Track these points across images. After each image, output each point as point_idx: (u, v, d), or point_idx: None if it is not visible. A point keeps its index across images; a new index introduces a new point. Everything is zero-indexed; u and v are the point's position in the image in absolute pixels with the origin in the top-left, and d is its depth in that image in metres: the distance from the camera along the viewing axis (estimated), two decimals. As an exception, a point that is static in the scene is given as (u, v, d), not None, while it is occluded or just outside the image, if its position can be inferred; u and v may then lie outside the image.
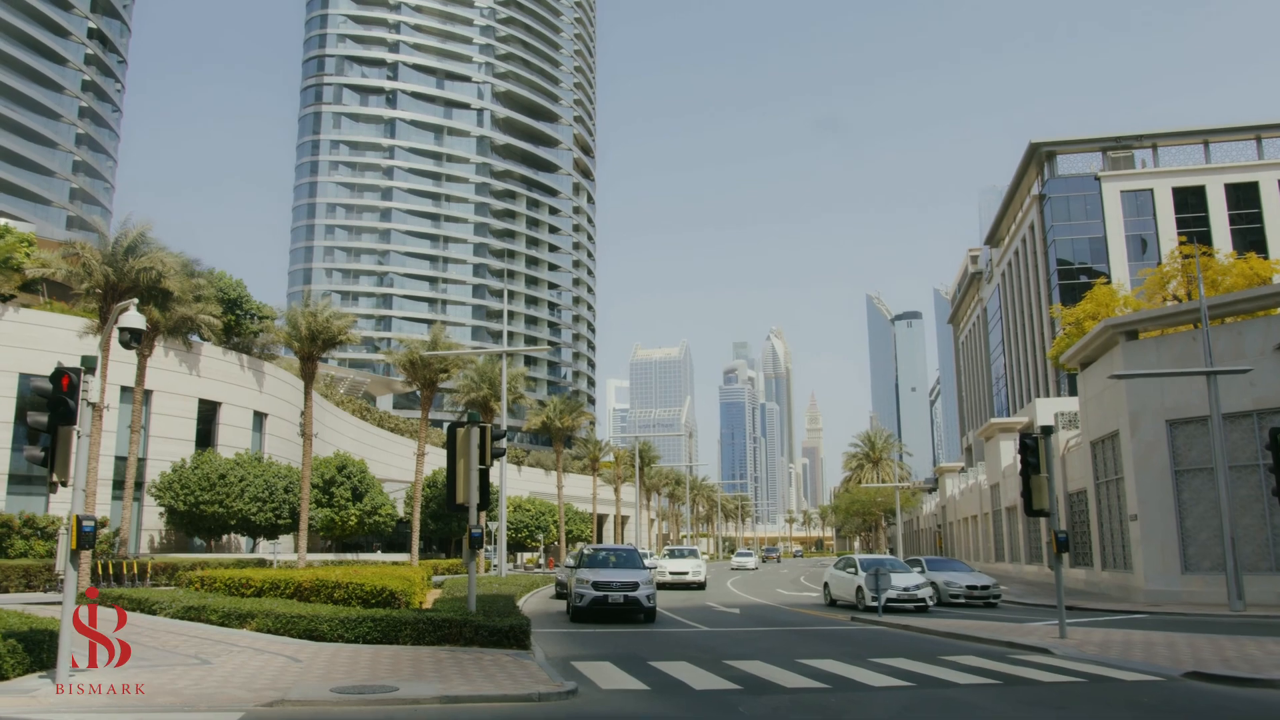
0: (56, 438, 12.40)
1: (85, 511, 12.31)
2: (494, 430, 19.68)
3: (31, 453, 12.51)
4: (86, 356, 12.49)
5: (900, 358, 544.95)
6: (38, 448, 12.48)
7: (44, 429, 12.40)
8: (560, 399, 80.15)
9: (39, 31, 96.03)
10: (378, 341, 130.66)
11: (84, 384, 12.31)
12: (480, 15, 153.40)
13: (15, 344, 41.96)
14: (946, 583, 33.25)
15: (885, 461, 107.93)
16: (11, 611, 15.76)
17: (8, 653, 12.40)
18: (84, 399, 12.30)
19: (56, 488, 12.58)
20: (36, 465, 12.67)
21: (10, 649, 12.49)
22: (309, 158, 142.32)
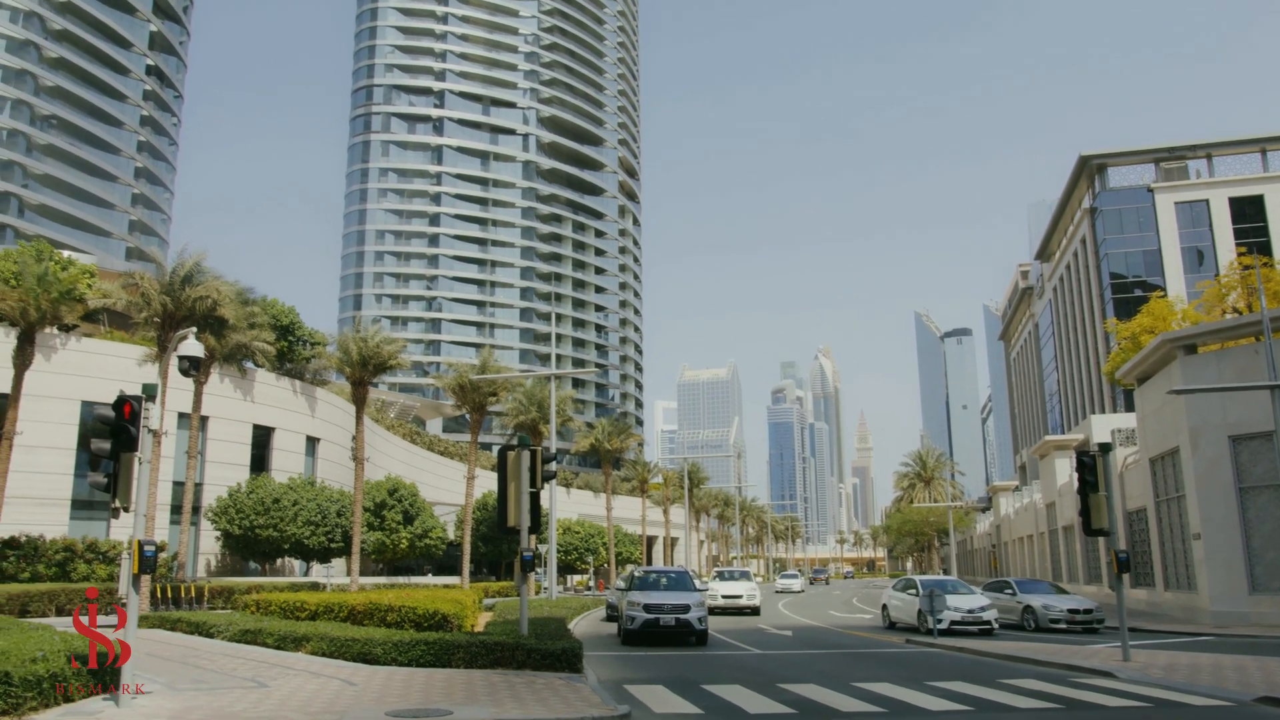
0: (119, 464, 12.67)
1: (146, 536, 12.54)
2: (544, 453, 19.74)
3: (95, 479, 12.80)
4: (147, 384, 12.77)
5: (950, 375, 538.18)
6: (101, 474, 12.76)
7: (107, 455, 12.68)
8: (608, 421, 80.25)
9: (100, 70, 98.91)
10: (427, 366, 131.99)
11: (145, 411, 12.58)
12: (525, 42, 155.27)
13: (78, 372, 42.99)
14: (1045, 606, 31.29)
15: (937, 481, 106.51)
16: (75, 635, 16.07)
17: (73, 675, 12.64)
18: (145, 426, 12.56)
19: (119, 513, 12.84)
20: (99, 491, 12.95)
21: (75, 672, 12.72)
22: (358, 185, 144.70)
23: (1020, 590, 33.08)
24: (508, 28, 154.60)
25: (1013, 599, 33.27)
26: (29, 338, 30.49)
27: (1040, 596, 32.17)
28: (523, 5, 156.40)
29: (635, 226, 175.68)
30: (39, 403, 39.04)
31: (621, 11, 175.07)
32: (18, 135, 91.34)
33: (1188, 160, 78.00)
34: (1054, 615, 30.86)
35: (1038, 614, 31.07)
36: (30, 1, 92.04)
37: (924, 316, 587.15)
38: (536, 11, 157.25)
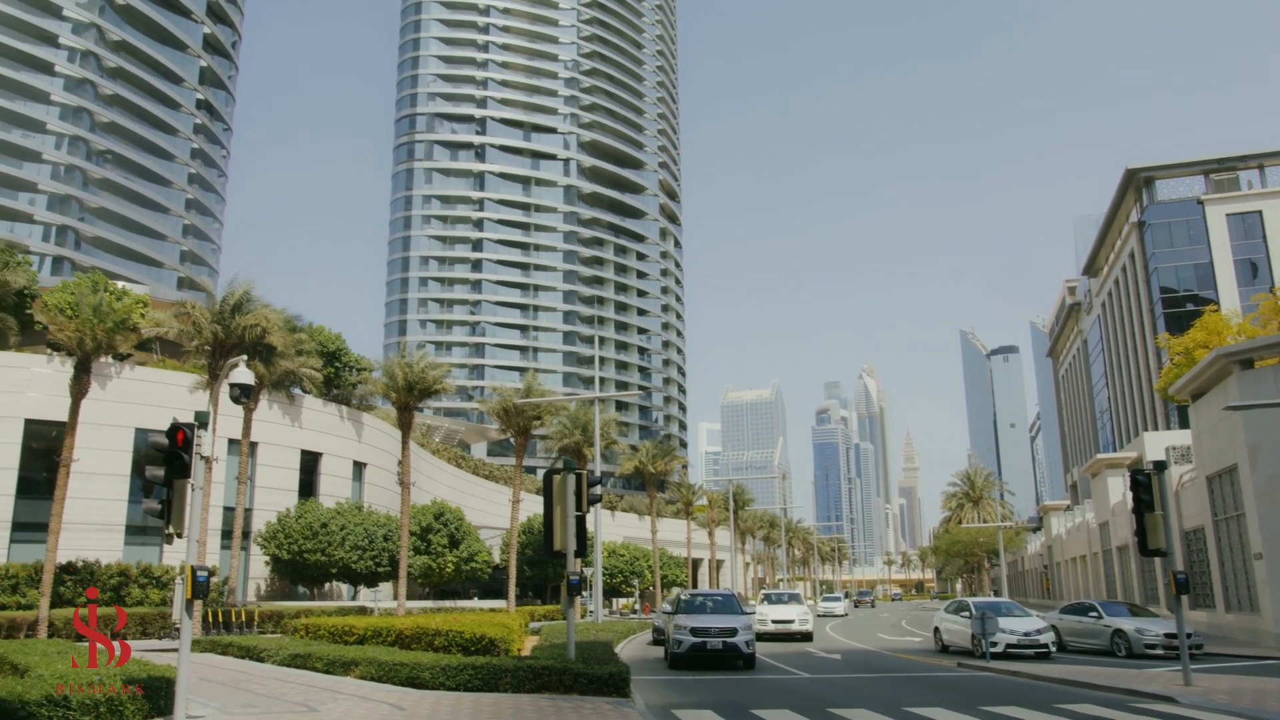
0: (172, 491, 12.87)
1: (198, 562, 12.71)
2: (589, 477, 19.75)
3: (149, 505, 13.00)
4: (199, 412, 12.98)
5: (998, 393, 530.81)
6: (155, 500, 12.98)
7: (160, 482, 12.89)
8: (652, 443, 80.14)
9: (153, 105, 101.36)
10: (471, 390, 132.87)
11: (197, 439, 12.78)
12: (564, 68, 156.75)
13: (131, 400, 43.83)
14: (1139, 630, 28.62)
15: (986, 501, 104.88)
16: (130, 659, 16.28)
17: (128, 699, 12.80)
18: (197, 453, 12.76)
19: (172, 539, 13.04)
20: (153, 517, 13.16)
21: (130, 696, 12.89)
22: (402, 213, 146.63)
23: (1107, 613, 30.61)
24: (547, 54, 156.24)
25: (1098, 622, 30.68)
26: (85, 367, 31.15)
27: (1131, 620, 29.70)
28: (562, 31, 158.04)
29: (676, 248, 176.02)
30: (95, 430, 39.82)
31: (660, 36, 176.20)
32: (75, 171, 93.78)
33: (1239, 171, 76.58)
34: (1149, 640, 28.14)
35: (1130, 639, 28.61)
36: (88, 41, 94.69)
37: (969, 334, 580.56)
38: (576, 38, 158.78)
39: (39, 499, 40.37)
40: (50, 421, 40.97)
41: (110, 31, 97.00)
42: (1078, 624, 31.67)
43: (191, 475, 12.78)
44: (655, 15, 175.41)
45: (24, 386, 42.72)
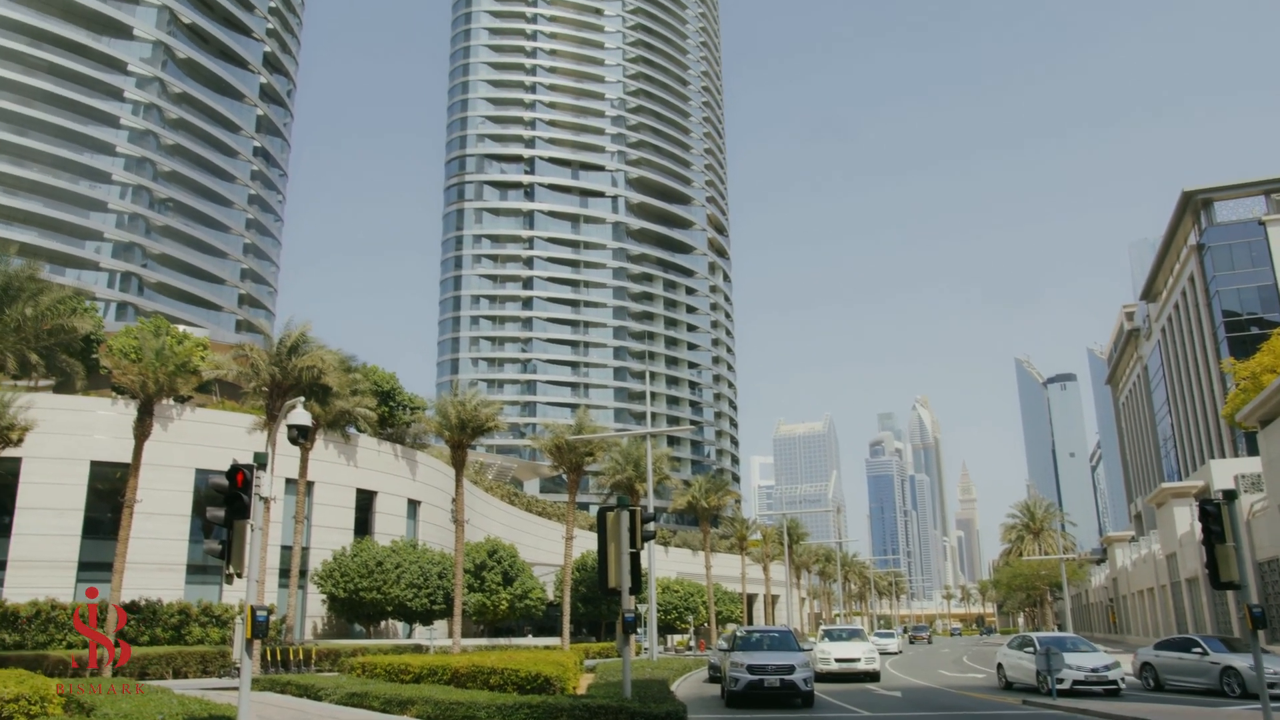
0: (232, 531, 13.06)
1: (257, 601, 12.84)
2: (642, 513, 19.67)
3: (210, 546, 13.21)
4: (258, 453, 13.19)
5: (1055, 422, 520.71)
6: (216, 541, 13.17)
7: (221, 523, 13.09)
8: (705, 478, 79.74)
9: (212, 153, 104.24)
10: (523, 427, 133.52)
11: (256, 479, 12.97)
12: (611, 106, 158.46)
13: (192, 441, 44.69)
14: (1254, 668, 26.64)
15: (1047, 532, 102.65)
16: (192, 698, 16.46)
17: (189, 740, 12.93)
18: (256, 494, 12.95)
19: (232, 579, 13.21)
20: (214, 557, 13.35)
21: (192, 737, 13.02)
22: (453, 252, 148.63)
23: (1212, 649, 28.06)
24: (594, 93, 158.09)
25: (1203, 659, 28.18)
26: (148, 409, 31.84)
27: (1244, 657, 26.66)
28: (608, 70, 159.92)
29: (725, 282, 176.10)
30: (156, 471, 40.60)
31: (705, 72, 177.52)
32: (138, 219, 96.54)
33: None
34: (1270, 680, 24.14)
35: (1245, 677, 25.78)
36: (151, 94, 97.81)
37: (1024, 363, 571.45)
38: (622, 76, 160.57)
39: (104, 539, 41.19)
40: (115, 463, 41.86)
41: (172, 84, 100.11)
42: (1178, 660, 29.26)
43: (251, 516, 12.96)
44: (700, 51, 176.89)
45: (90, 429, 43.76)
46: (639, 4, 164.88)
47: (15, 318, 30.34)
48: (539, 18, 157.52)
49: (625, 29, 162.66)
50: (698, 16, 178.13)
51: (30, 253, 76.65)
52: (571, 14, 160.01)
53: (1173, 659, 29.64)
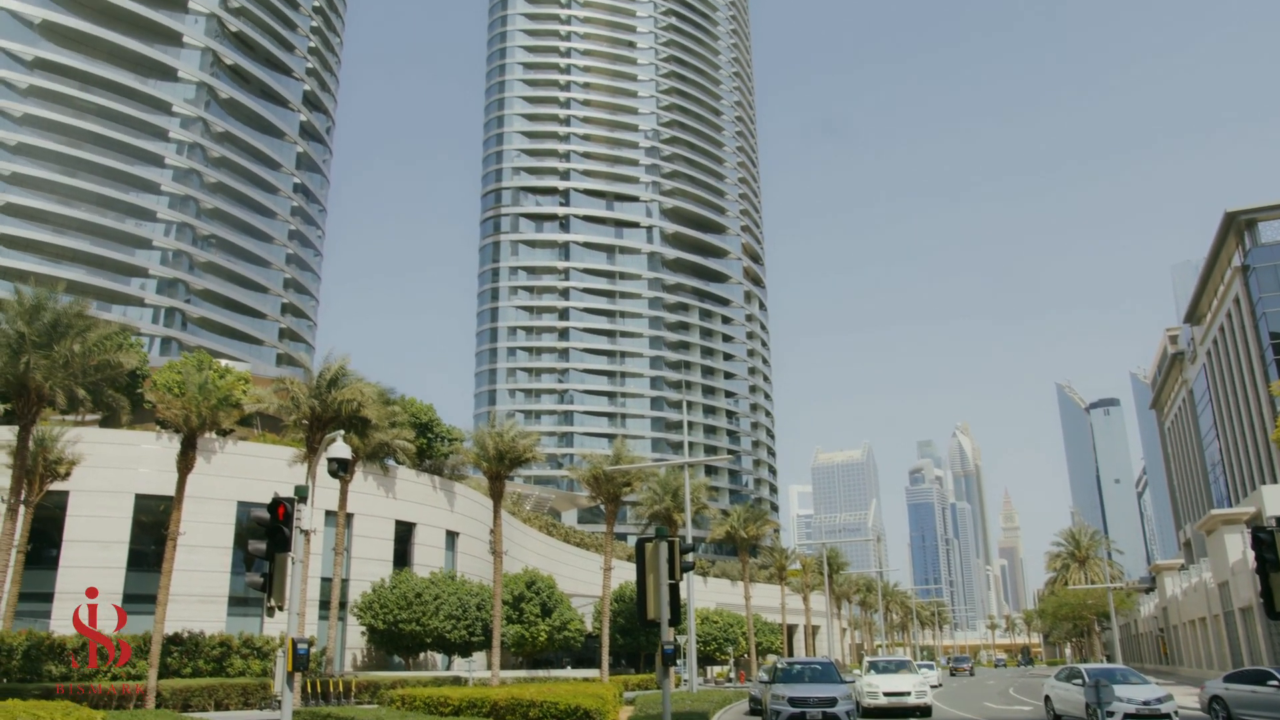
0: (273, 564, 13.17)
1: (298, 634, 12.90)
2: (681, 544, 19.58)
3: (252, 579, 13.32)
4: (299, 486, 13.31)
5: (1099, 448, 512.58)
6: (257, 574, 13.28)
7: (262, 556, 13.20)
8: (743, 508, 79.31)
9: (253, 190, 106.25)
10: (560, 458, 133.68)
11: (297, 513, 13.08)
12: (645, 137, 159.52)
13: (234, 474, 45.22)
14: None
15: (1093, 560, 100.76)
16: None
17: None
18: (297, 527, 13.05)
19: (274, 611, 13.30)
20: (255, 590, 13.45)
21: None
22: (490, 285, 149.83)
23: None
24: (628, 125, 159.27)
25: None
26: (191, 443, 32.29)
27: None
28: (641, 102, 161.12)
29: (761, 311, 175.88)
30: (199, 504, 41.08)
31: (738, 101, 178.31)
32: (182, 255, 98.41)
33: (1347, 210, 73.59)
34: None
35: None
36: (194, 134, 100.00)
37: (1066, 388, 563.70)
38: (655, 108, 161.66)
39: (148, 571, 41.70)
40: (158, 496, 42.44)
41: (215, 124, 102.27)
42: (1252, 694, 27.83)
43: (292, 549, 13.06)
44: (733, 81, 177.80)
45: (135, 463, 44.44)
46: (671, 36, 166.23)
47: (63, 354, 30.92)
48: (573, 51, 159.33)
49: (658, 60, 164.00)
50: (730, 47, 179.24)
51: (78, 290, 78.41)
52: (605, 46, 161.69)
53: (1246, 693, 28.21)
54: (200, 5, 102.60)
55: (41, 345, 30.53)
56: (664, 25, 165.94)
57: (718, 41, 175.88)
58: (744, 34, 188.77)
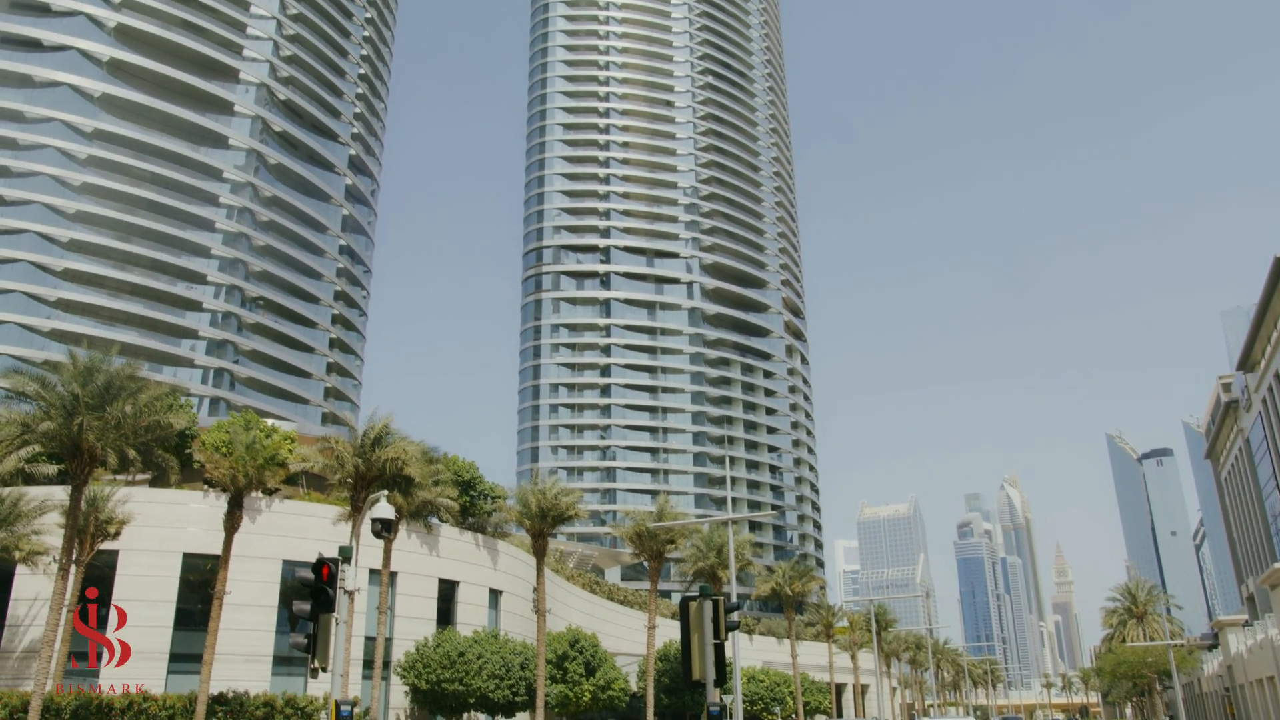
0: (317, 625, 13.16)
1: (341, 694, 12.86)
2: (725, 603, 19.33)
3: (296, 640, 13.32)
4: (343, 547, 13.36)
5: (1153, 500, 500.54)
6: (301, 635, 13.28)
7: (306, 617, 13.21)
8: (788, 564, 78.33)
9: (300, 253, 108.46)
10: (603, 514, 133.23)
11: (341, 573, 13.11)
12: (684, 194, 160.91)
13: (279, 533, 45.50)
14: None
15: (1151, 616, 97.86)
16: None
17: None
18: (341, 587, 13.07)
19: (318, 672, 13.27)
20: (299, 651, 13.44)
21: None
22: (532, 342, 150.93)
23: None
24: (667, 182, 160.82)
25: None
26: (238, 502, 32.65)
27: None
28: (680, 160, 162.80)
29: (803, 365, 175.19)
30: (245, 562, 41.34)
31: (776, 158, 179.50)
32: (231, 317, 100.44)
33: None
34: None
35: None
36: (244, 199, 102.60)
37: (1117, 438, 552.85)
38: (694, 165, 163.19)
39: (194, 631, 41.89)
40: (205, 555, 42.80)
41: (263, 188, 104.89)
42: None
43: (335, 609, 13.07)
44: (771, 138, 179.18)
45: (183, 522, 44.92)
46: (709, 94, 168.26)
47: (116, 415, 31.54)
48: (611, 111, 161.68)
49: (696, 119, 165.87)
50: (767, 104, 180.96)
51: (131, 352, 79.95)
52: (643, 105, 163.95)
53: None
54: (250, 75, 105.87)
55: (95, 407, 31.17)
56: (701, 84, 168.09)
57: (754, 99, 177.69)
58: (780, 90, 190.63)
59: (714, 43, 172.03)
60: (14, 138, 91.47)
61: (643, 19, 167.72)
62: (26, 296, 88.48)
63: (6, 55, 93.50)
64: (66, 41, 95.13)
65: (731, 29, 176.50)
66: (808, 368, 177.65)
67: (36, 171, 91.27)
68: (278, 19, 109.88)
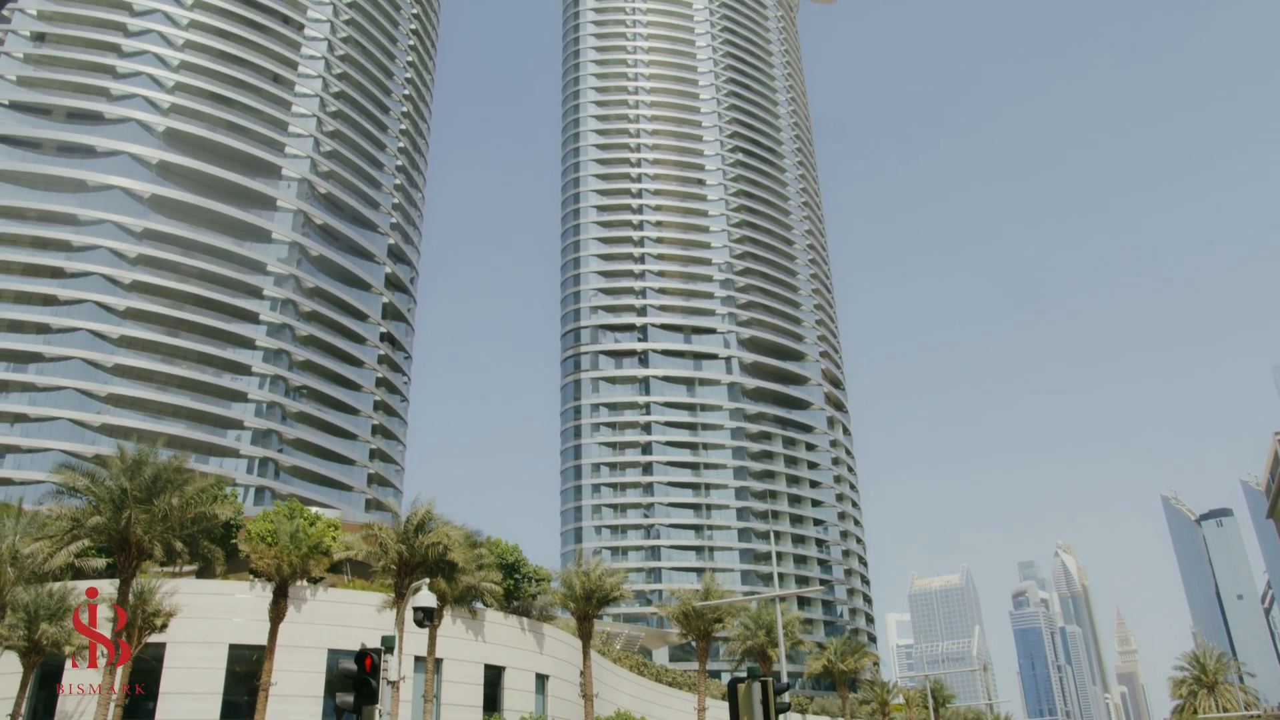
0: (361, 717, 13.01)
1: (387, 791, 12.64)
2: (775, 684, 18.89)
3: (339, 733, 13.16)
4: (386, 637, 13.28)
5: (1215, 562, 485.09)
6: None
7: (350, 709, 13.07)
8: (839, 640, 76.63)
9: (342, 341, 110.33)
10: (649, 594, 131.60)
11: (384, 664, 13.00)
12: (719, 270, 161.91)
13: (324, 622, 45.35)
14: None
15: (1222, 685, 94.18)
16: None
17: None
18: (384, 678, 12.94)
19: (361, 767, 13.06)
20: (344, 745, 13.26)
21: None
22: (572, 422, 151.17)
23: None
24: (701, 259, 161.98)
25: None
26: (283, 592, 32.68)
27: None
28: (713, 237, 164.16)
29: (846, 436, 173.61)
30: (290, 652, 41.16)
31: (809, 230, 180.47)
32: (275, 407, 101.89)
33: None
34: None
35: None
36: (287, 290, 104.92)
37: (1173, 500, 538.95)
38: (728, 240, 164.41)
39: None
40: (251, 646, 42.69)
41: (305, 280, 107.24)
42: None
43: (379, 701, 12.93)
44: (803, 211, 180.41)
45: (229, 613, 44.95)
46: (740, 170, 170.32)
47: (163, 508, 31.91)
48: (644, 192, 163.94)
49: (728, 195, 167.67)
50: (798, 178, 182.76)
51: (178, 444, 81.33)
52: (675, 185, 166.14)
53: None
54: (292, 171, 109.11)
55: (142, 500, 31.57)
56: (731, 160, 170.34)
57: (784, 173, 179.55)
58: (810, 162, 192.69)
59: (743, 120, 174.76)
60: (68, 240, 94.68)
61: (672, 100, 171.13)
62: (78, 393, 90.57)
63: (63, 163, 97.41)
64: (119, 147, 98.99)
65: (759, 105, 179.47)
66: (850, 439, 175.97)
67: (89, 271, 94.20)
68: (318, 116, 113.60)
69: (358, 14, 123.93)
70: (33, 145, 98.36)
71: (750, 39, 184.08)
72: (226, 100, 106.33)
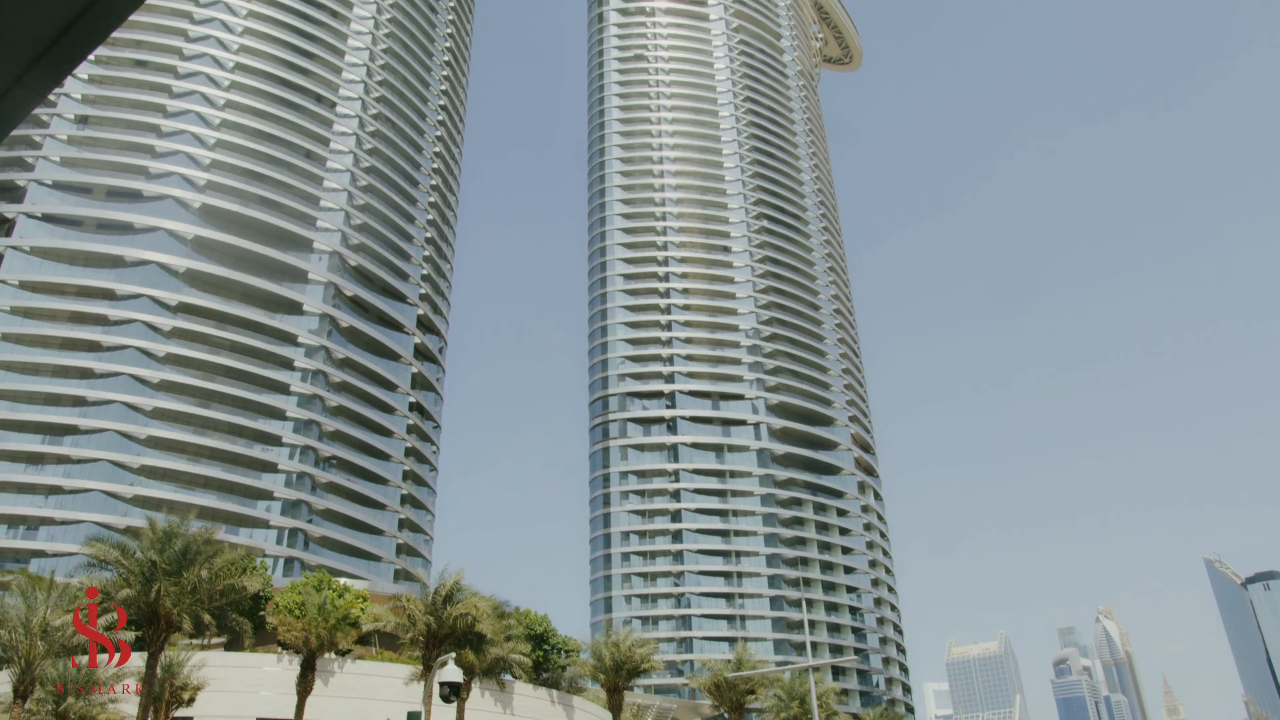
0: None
1: None
2: (808, 756, 18.44)
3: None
4: (412, 713, 13.17)
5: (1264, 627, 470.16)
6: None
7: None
8: (875, 711, 74.87)
9: (371, 411, 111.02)
10: (680, 664, 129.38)
11: (409, 738, 12.83)
12: (746, 336, 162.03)
13: (351, 694, 44.88)
14: None
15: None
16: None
17: None
18: (409, 753, 12.76)
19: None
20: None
21: None
22: (601, 491, 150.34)
23: None
24: (728, 325, 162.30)
25: None
26: (310, 664, 32.46)
27: None
28: (740, 303, 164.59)
29: (877, 501, 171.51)
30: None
31: (836, 295, 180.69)
32: (305, 477, 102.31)
33: None
34: None
35: None
36: (317, 362, 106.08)
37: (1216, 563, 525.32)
38: (754, 307, 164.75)
39: (267, 803, 41.01)
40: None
41: (335, 350, 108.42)
42: None
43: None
44: (829, 275, 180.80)
45: (256, 686, 44.62)
46: (765, 238, 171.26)
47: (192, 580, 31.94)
48: (670, 260, 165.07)
49: (754, 261, 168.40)
50: (823, 243, 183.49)
51: (208, 515, 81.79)
52: (701, 253, 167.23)
53: None
54: (323, 244, 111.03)
55: (171, 573, 31.62)
56: (756, 227, 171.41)
57: (810, 239, 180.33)
58: (835, 228, 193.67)
59: (767, 188, 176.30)
60: (105, 314, 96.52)
61: (697, 169, 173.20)
62: (112, 465, 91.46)
63: (102, 239, 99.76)
64: (156, 223, 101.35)
65: (783, 172, 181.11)
66: (882, 504, 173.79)
67: (125, 345, 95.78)
68: (349, 190, 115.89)
69: (389, 91, 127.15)
70: (74, 223, 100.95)
71: (773, 107, 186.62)
72: (260, 176, 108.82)
